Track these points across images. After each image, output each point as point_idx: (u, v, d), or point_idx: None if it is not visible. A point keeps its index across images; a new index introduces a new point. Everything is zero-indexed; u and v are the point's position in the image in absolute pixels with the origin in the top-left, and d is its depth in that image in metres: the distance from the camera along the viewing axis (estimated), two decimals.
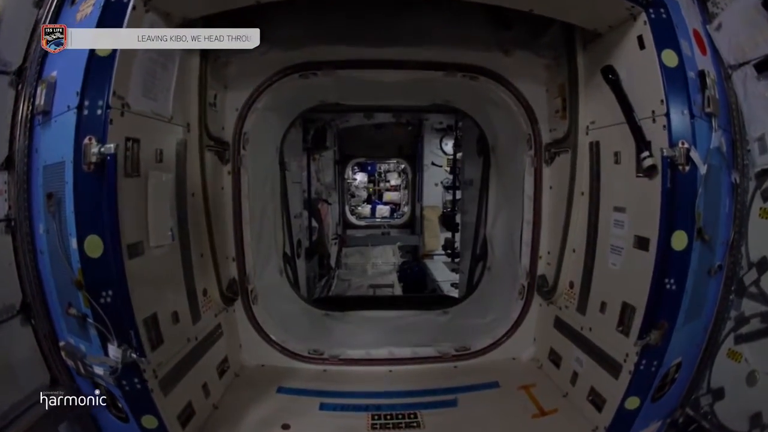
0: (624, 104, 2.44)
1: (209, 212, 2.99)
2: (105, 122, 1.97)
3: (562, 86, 3.18)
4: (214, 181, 3.18)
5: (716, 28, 2.43)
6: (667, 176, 2.17)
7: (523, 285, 3.64)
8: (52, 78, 2.18)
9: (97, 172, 1.95)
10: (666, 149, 2.17)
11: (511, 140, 3.83)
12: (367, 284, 7.82)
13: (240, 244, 3.41)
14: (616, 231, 2.62)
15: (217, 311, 3.13)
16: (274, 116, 3.85)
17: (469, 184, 5.51)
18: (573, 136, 2.99)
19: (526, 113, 3.46)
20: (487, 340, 3.71)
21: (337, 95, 4.12)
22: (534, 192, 3.49)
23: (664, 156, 2.17)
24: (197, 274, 2.80)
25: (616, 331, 2.48)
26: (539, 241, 3.53)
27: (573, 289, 3.02)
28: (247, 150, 3.37)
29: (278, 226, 4.26)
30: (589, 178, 2.87)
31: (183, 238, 2.65)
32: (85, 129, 1.96)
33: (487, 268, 4.47)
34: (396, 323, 4.26)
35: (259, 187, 3.72)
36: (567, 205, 3.07)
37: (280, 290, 4.20)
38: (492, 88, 3.46)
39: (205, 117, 2.88)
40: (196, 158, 2.85)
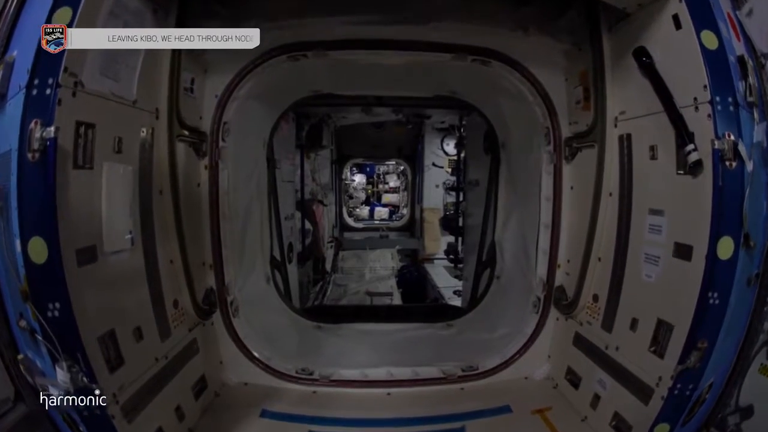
0: (662, 91, 2.19)
1: (180, 212, 2.62)
2: (53, 103, 1.70)
3: (583, 74, 2.87)
4: (189, 176, 2.83)
5: (747, 14, 2.21)
6: (718, 173, 1.92)
7: (539, 297, 3.34)
8: (11, 58, 1.90)
9: (43, 163, 1.69)
10: (716, 141, 1.91)
11: (525, 135, 3.50)
12: (364, 290, 7.48)
13: (218, 248, 3.03)
14: (651, 237, 2.34)
15: (191, 325, 2.81)
16: (260, 106, 3.46)
17: (474, 184, 5.18)
18: (599, 129, 2.70)
19: (543, 103, 3.14)
20: (497, 358, 3.41)
21: (330, 84, 3.73)
22: (553, 192, 3.14)
23: (715, 149, 1.91)
24: (166, 283, 2.50)
25: (649, 352, 2.24)
26: (558, 248, 3.20)
27: (597, 303, 2.75)
28: (227, 142, 2.98)
29: (265, 229, 3.86)
30: (618, 176, 2.58)
31: (147, 242, 2.36)
32: (32, 111, 1.70)
33: (495, 276, 4.12)
34: (395, 338, 3.87)
35: (242, 184, 3.34)
36: (592, 207, 2.76)
37: (266, 300, 3.81)
38: (505, 74, 3.12)
39: (177, 102, 2.56)
40: (165, 149, 2.51)
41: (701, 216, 1.96)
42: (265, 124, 3.80)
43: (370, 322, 4.06)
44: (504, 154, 3.92)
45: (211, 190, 2.93)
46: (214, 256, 3.04)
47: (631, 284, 2.49)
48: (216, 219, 2.97)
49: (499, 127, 3.92)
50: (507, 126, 3.72)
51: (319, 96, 3.93)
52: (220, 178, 2.95)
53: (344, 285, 7.85)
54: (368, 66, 3.21)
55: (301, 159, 6.02)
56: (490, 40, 3.00)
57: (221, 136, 2.94)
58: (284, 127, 4.73)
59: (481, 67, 3.05)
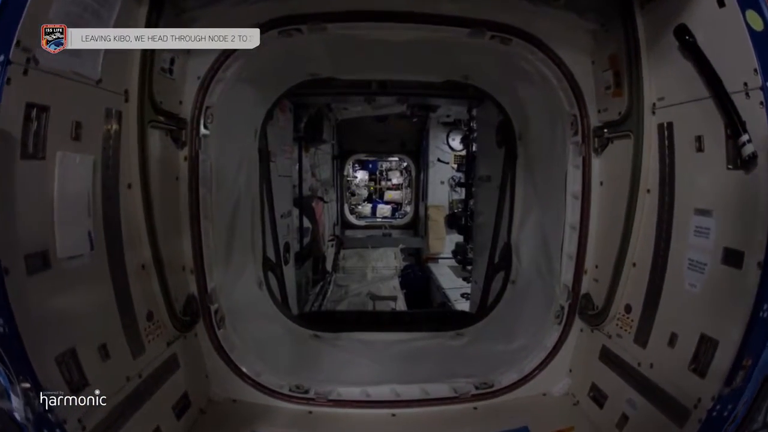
0: (709, 73, 1.95)
1: (152, 209, 2.30)
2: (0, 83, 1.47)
3: (613, 57, 2.56)
4: (165, 168, 2.49)
5: None
6: None
7: (562, 306, 2.99)
8: None
9: None
10: None
11: (547, 125, 3.15)
12: (366, 291, 7.15)
13: (199, 251, 2.67)
14: (697, 241, 2.10)
15: (169, 339, 2.52)
16: (251, 90, 3.10)
17: (484, 180, 4.84)
18: (635, 117, 2.40)
19: (570, 88, 2.77)
20: (514, 374, 3.08)
21: (330, 66, 3.36)
22: (582, 189, 2.79)
23: None
24: (137, 293, 2.23)
25: (688, 371, 2.03)
26: (585, 251, 2.86)
27: (630, 314, 2.49)
28: (210, 130, 2.62)
29: (257, 228, 3.51)
30: (658, 171, 2.31)
31: (112, 245, 2.07)
32: None
33: (510, 281, 3.78)
34: (400, 349, 3.52)
35: (229, 178, 3.00)
36: (628, 205, 2.46)
37: (257, 307, 3.48)
38: (527, 55, 2.76)
39: (149, 82, 2.25)
40: (135, 137, 2.21)
41: (755, 217, 1.75)
42: (257, 112, 3.43)
43: (372, 331, 3.71)
44: (521, 146, 3.55)
45: (190, 184, 2.58)
46: (195, 260, 2.70)
47: (672, 294, 2.23)
48: (196, 217, 2.62)
49: (516, 117, 3.55)
50: (526, 115, 3.34)
51: (318, 81, 3.56)
52: (201, 171, 2.59)
53: (345, 286, 7.54)
54: (372, 44, 2.83)
55: (299, 152, 5.65)
56: (511, 15, 2.65)
57: (203, 122, 2.58)
58: (281, 117, 4.37)
59: (500, 46, 2.68)
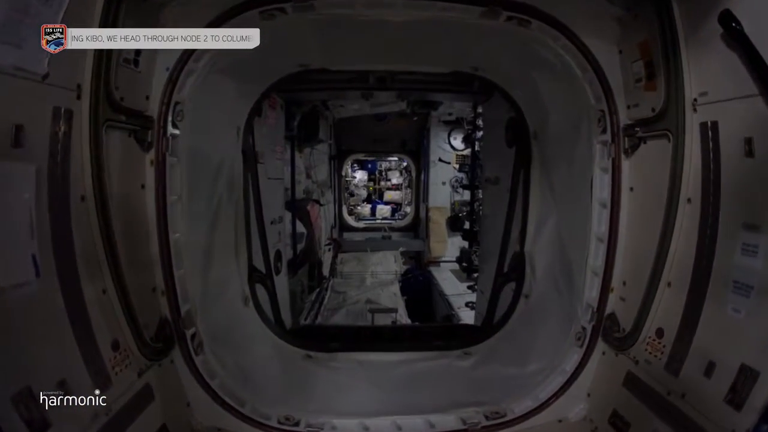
0: (759, 66, 1.75)
1: (111, 224, 1.98)
2: None
3: (644, 45, 2.27)
4: (127, 175, 2.16)
5: None
6: None
7: (584, 327, 2.68)
8: None
9: None
10: None
11: (568, 121, 2.81)
12: (364, 298, 6.82)
13: (169, 270, 2.33)
14: (744, 261, 1.89)
15: (141, 368, 2.23)
16: (230, 83, 2.74)
17: (492, 182, 4.50)
18: (673, 114, 2.11)
19: (597, 79, 2.43)
20: (528, 401, 2.79)
21: (321, 55, 2.99)
22: (611, 196, 2.46)
23: None
24: (98, 321, 1.98)
25: (723, 402, 1.87)
26: (613, 267, 2.54)
27: (662, 339, 2.25)
28: (180, 129, 2.27)
29: (241, 238, 3.16)
30: (701, 178, 2.03)
31: (65, 268, 1.80)
32: None
33: (522, 294, 3.45)
34: (402, 372, 3.18)
35: (205, 184, 2.66)
36: (665, 216, 2.18)
37: (243, 326, 3.14)
38: (548, 41, 2.42)
39: (106, 76, 1.92)
40: (89, 140, 1.90)
41: None
42: (239, 108, 3.07)
43: (370, 351, 3.35)
44: (537, 146, 3.20)
45: (158, 193, 2.23)
46: (166, 278, 2.35)
47: (712, 319, 2.01)
48: (164, 231, 2.27)
49: (531, 113, 3.20)
50: (544, 110, 2.98)
51: (310, 74, 3.21)
52: (169, 177, 2.24)
53: (343, 292, 7.21)
54: (368, 27, 2.46)
55: (292, 152, 5.29)
56: None
57: (172, 120, 2.23)
58: (270, 114, 4.01)
59: (518, 29, 2.34)
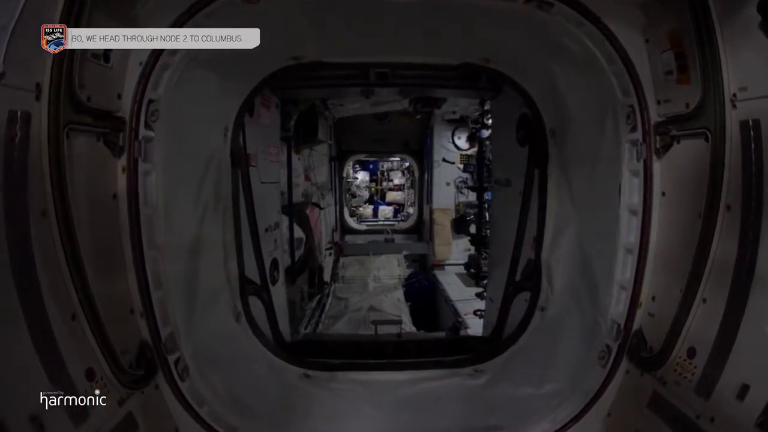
0: None
1: (76, 242, 1.75)
2: None
3: (674, 33, 2.04)
4: (96, 185, 1.93)
5: None
6: None
7: (608, 345, 2.44)
8: None
9: None
10: None
11: (590, 117, 2.55)
12: (367, 305, 6.56)
13: (145, 290, 2.07)
14: None
15: (121, 397, 2.03)
16: (214, 78, 2.47)
17: (502, 184, 4.21)
18: (711, 111, 1.89)
19: (626, 71, 2.17)
20: (546, 424, 2.61)
21: (315, 45, 2.70)
22: (643, 201, 2.20)
23: None
24: (68, 349, 1.79)
25: (755, 426, 1.76)
26: (643, 280, 2.29)
27: (693, 359, 2.08)
28: (156, 131, 2.01)
29: (231, 248, 2.89)
30: (741, 183, 1.84)
31: (26, 293, 1.61)
32: None
33: (538, 307, 3.17)
34: (408, 393, 2.92)
35: (187, 191, 2.41)
36: (703, 225, 1.96)
37: (234, 345, 2.88)
38: (571, 27, 2.16)
39: (69, 73, 1.70)
40: (47, 147, 1.68)
41: None
42: (226, 106, 2.79)
43: (374, 370, 3.08)
44: (555, 145, 2.91)
45: (130, 203, 1.97)
46: (143, 301, 2.09)
47: (750, 339, 1.85)
48: (139, 246, 2.00)
49: (548, 109, 2.91)
50: (563, 106, 2.69)
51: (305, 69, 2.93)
52: (143, 186, 1.98)
53: (345, 298, 6.94)
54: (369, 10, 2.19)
55: (288, 154, 5.01)
56: None
57: (145, 121, 1.96)
58: (264, 114, 3.74)
59: (537, 13, 2.07)
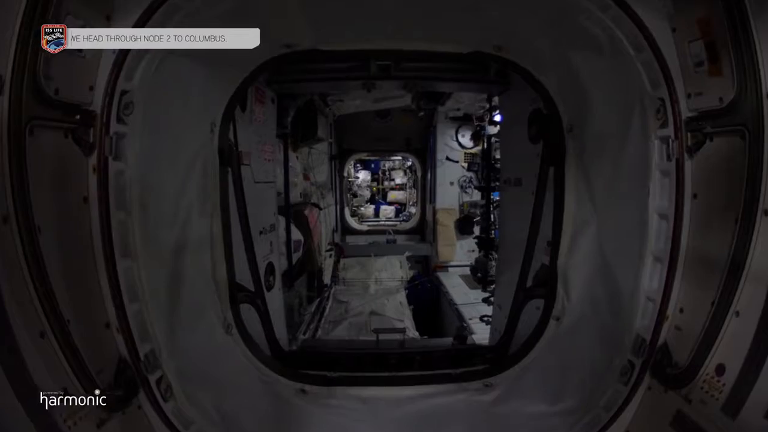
0: None
1: (39, 251, 1.57)
2: None
3: (704, 22, 1.87)
4: (63, 187, 1.73)
5: None
6: None
7: (632, 362, 2.26)
8: None
9: None
10: None
11: (614, 112, 2.32)
12: (368, 309, 6.33)
13: (120, 303, 1.85)
14: None
15: (100, 419, 1.85)
16: (199, 68, 2.25)
17: (512, 184, 3.97)
18: (748, 107, 1.73)
19: (656, 60, 1.96)
20: None
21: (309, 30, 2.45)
22: (675, 205, 1.99)
23: None
24: (38, 369, 1.66)
25: None
26: (671, 291, 2.10)
27: (722, 376, 1.94)
28: (129, 125, 1.79)
29: (219, 255, 2.66)
30: None
31: None
32: None
33: (553, 317, 2.93)
34: (413, 411, 2.70)
35: (168, 191, 2.18)
36: (739, 232, 1.81)
37: (224, 359, 2.66)
38: (595, 10, 1.94)
39: (33, 63, 1.53)
40: (7, 146, 1.50)
41: None
42: (214, 100, 2.56)
43: (375, 385, 2.85)
44: (573, 142, 2.67)
45: (101, 207, 1.75)
46: (119, 315, 1.88)
47: None
48: (111, 255, 1.79)
49: (566, 102, 2.66)
50: (583, 98, 2.44)
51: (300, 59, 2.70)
52: (114, 187, 1.76)
53: (345, 302, 6.70)
54: None
55: (285, 152, 4.77)
56: None
57: (117, 114, 1.74)
58: (257, 109, 3.52)
59: None
